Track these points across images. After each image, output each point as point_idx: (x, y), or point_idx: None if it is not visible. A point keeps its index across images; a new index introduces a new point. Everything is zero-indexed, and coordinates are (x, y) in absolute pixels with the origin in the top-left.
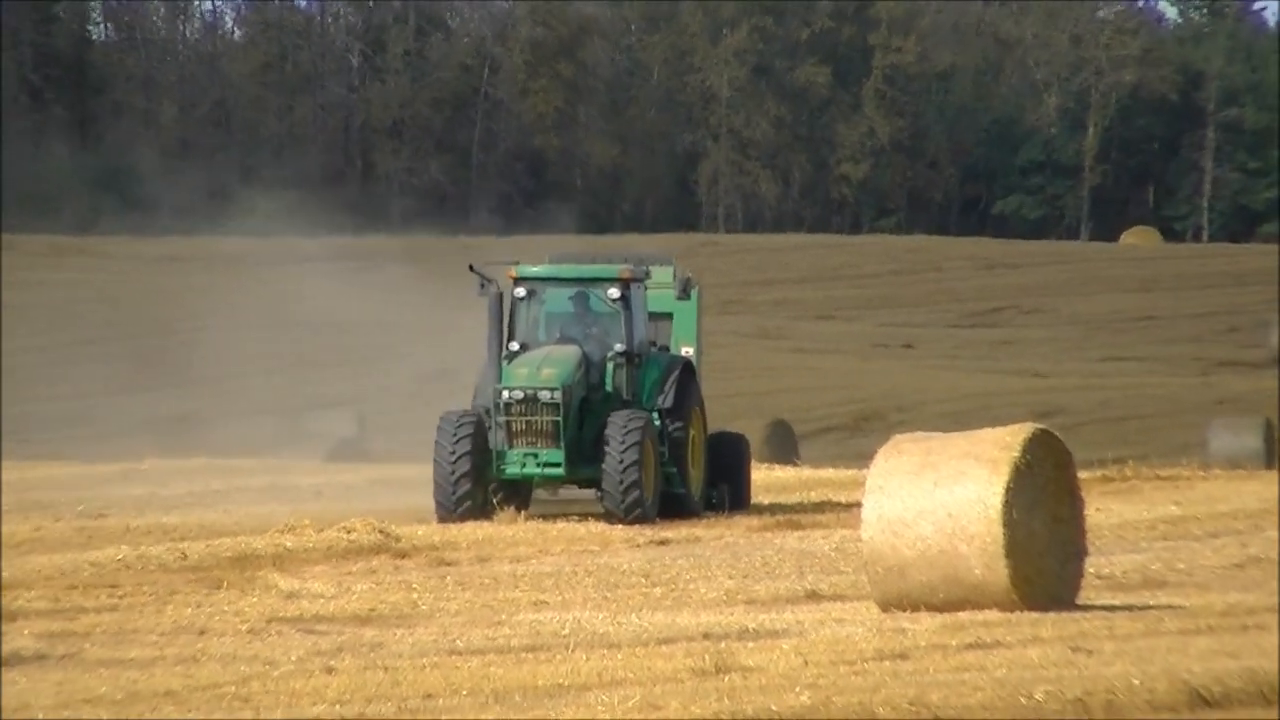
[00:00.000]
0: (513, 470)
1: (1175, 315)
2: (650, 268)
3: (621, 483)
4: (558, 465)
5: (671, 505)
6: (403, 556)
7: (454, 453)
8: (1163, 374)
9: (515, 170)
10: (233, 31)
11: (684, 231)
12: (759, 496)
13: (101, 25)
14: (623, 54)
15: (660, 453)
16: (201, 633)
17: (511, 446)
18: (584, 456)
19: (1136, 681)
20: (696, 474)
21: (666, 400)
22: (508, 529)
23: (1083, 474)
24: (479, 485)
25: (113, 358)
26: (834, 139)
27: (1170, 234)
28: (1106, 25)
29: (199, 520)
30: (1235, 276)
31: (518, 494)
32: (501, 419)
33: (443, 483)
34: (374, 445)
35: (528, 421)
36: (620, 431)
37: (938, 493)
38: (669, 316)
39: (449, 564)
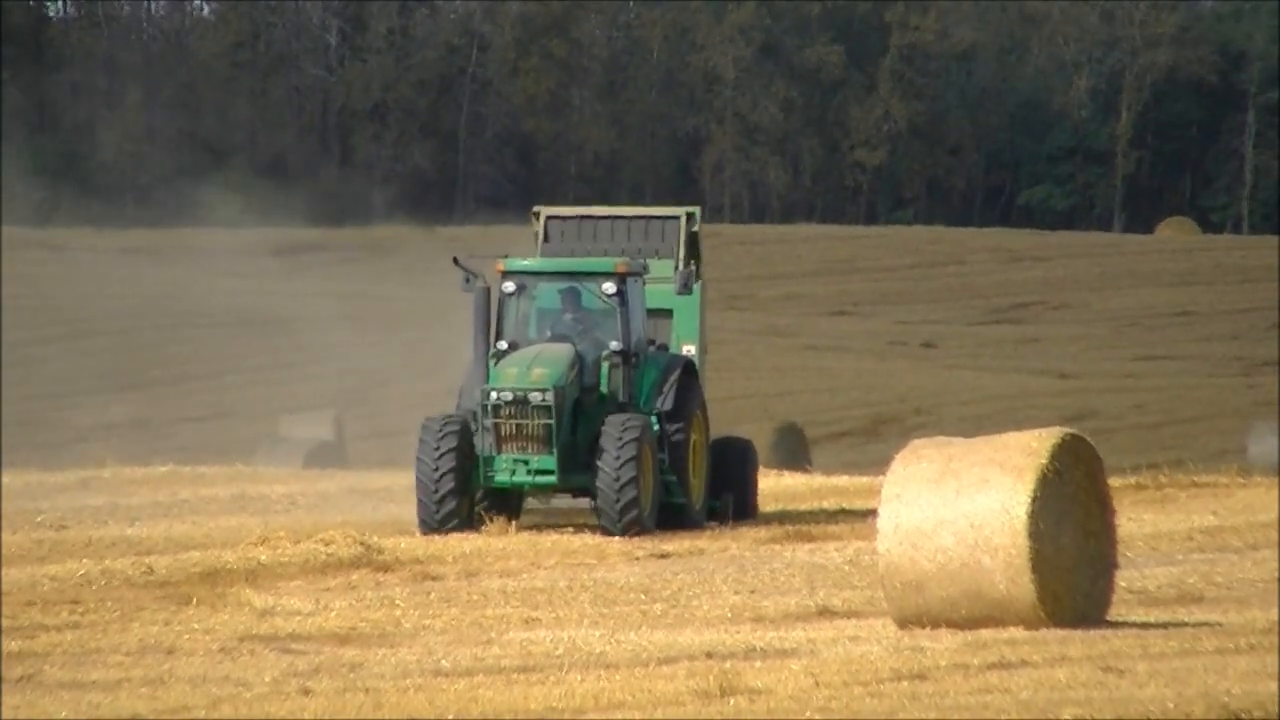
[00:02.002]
0: (501, 478)
1: (1214, 311)
2: (647, 261)
3: (617, 493)
4: (550, 472)
5: (671, 516)
6: (385, 570)
7: (438, 460)
8: (1200, 374)
9: (504, 156)
10: (201, 8)
11: None
12: (767, 505)
13: (60, 1)
14: (620, 31)
15: (659, 460)
16: (169, 652)
17: (500, 452)
18: (578, 463)
19: (1171, 704)
20: (698, 482)
21: (666, 403)
22: (497, 541)
23: (1114, 482)
24: (465, 494)
25: (71, 357)
26: (847, 123)
27: (1208, 225)
28: (1140, 1)
29: (166, 532)
30: (1278, 270)
31: (507, 503)
32: (489, 422)
33: (426, 493)
34: (353, 450)
35: (517, 425)
36: (616, 437)
37: (959, 502)
38: (669, 313)
39: (434, 578)
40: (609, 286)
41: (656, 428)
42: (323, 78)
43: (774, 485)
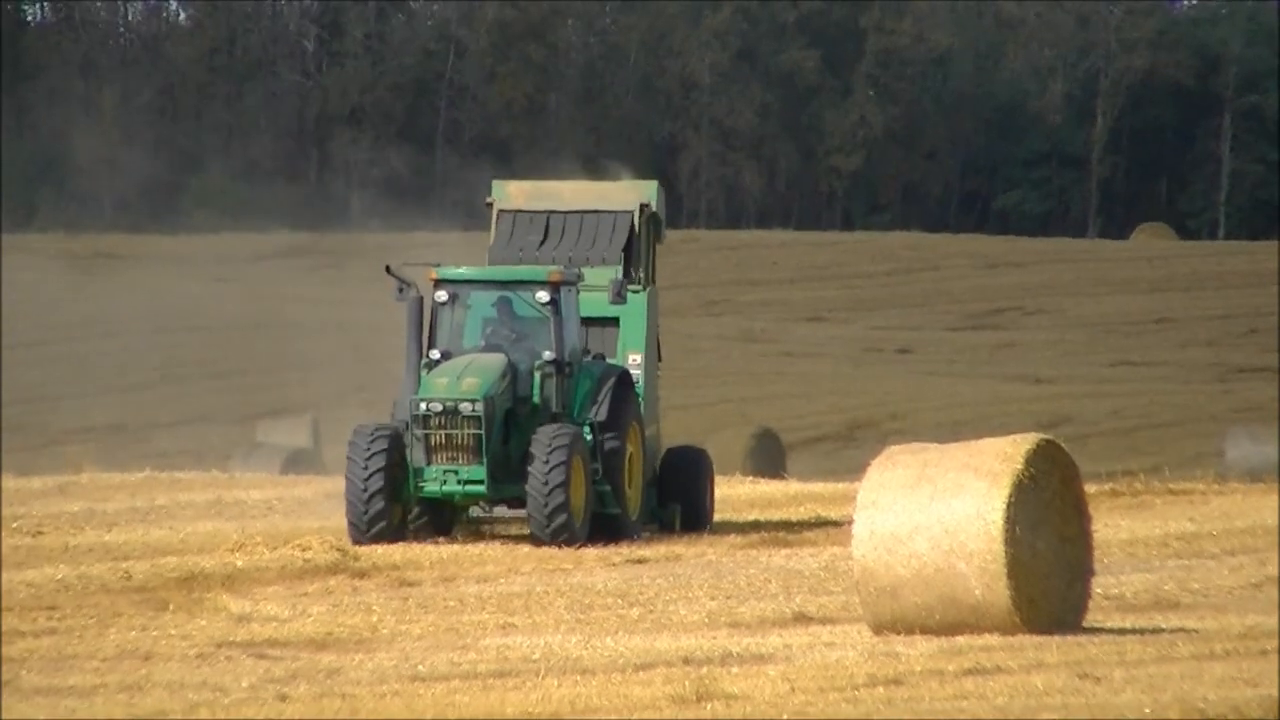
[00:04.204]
0: (431, 488)
1: (1190, 317)
2: (581, 269)
3: (546, 503)
4: (480, 483)
5: (605, 526)
6: (362, 576)
7: (367, 468)
8: (1176, 380)
9: (481, 161)
10: (178, 13)
11: None
12: (743, 512)
13: (37, 5)
14: (596, 37)
15: (593, 470)
16: (146, 658)
17: (430, 463)
18: (510, 474)
19: (1148, 710)
20: (633, 492)
21: (599, 413)
22: (474, 547)
23: (1090, 487)
24: (396, 504)
25: (47, 362)
26: (823, 128)
27: (1185, 230)
28: (1116, 6)
29: (143, 537)
30: (1254, 276)
31: (442, 514)
32: (419, 433)
33: (355, 500)
34: (330, 456)
35: (447, 435)
36: (546, 447)
37: (934, 507)
38: (615, 321)
39: (411, 584)
40: (542, 296)
41: (590, 438)
42: (300, 83)
43: (750, 491)
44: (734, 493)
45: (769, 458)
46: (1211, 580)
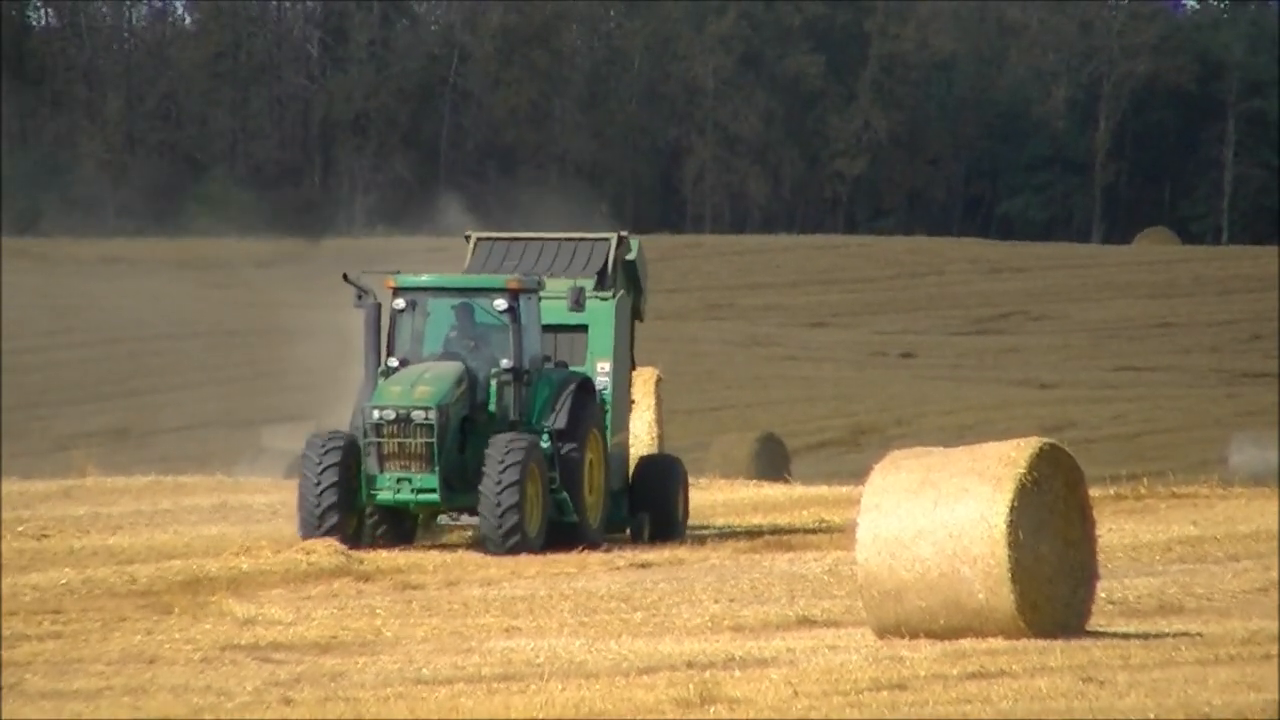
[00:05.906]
0: (384, 496)
1: (1193, 322)
2: (543, 278)
3: (498, 512)
4: (432, 490)
5: (564, 534)
6: (366, 580)
7: (320, 469)
8: (1180, 385)
9: (486, 167)
10: (183, 18)
11: (668, 232)
12: (747, 516)
13: (42, 11)
14: (601, 42)
15: (550, 478)
16: (151, 662)
17: (383, 470)
18: (466, 482)
19: (1152, 715)
20: (594, 500)
21: (558, 421)
22: (477, 551)
23: (1094, 492)
24: (348, 508)
25: (51, 366)
26: (827, 133)
27: (1188, 235)
28: (1119, 10)
29: (147, 541)
30: (1257, 281)
31: (401, 525)
32: (372, 440)
33: (307, 497)
34: None
35: (400, 443)
36: (499, 454)
37: (938, 512)
38: (584, 329)
39: (415, 587)
40: (500, 303)
41: (548, 446)
42: (304, 87)
43: (754, 495)
44: (737, 497)
45: (773, 462)
46: (1215, 585)
